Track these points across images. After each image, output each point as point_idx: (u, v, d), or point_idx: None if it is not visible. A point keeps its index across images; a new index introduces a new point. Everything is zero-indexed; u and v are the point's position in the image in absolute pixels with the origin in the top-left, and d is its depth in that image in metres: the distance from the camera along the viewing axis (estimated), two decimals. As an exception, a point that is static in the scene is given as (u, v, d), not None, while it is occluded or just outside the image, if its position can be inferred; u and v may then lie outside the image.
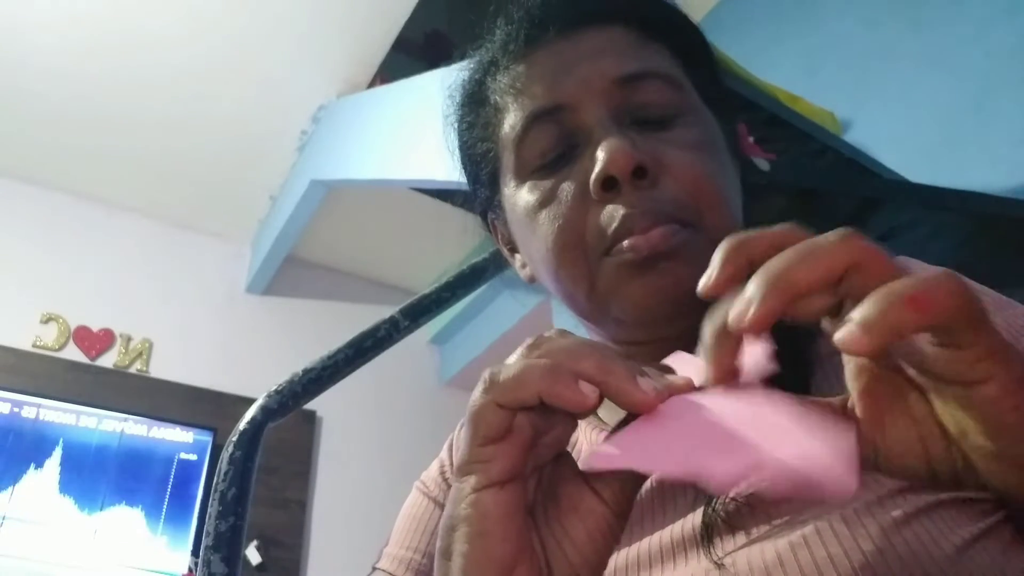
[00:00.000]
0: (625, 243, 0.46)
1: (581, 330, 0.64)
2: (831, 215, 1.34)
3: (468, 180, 0.60)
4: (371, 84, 2.77)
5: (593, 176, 0.46)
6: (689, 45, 0.55)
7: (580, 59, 0.51)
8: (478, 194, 0.60)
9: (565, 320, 0.65)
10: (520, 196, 0.52)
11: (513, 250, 0.59)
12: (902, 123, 1.95)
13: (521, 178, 0.52)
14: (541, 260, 0.51)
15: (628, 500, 0.32)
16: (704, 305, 0.31)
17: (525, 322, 3.03)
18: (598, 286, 0.48)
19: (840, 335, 0.25)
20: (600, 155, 0.46)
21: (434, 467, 0.66)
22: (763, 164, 1.21)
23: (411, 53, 2.83)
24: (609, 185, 0.46)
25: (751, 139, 1.40)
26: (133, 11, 2.47)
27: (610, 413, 0.57)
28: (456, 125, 0.60)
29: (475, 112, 0.57)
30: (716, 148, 0.51)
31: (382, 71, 2.76)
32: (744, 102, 1.39)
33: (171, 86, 2.72)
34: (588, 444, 0.54)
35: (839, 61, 2.22)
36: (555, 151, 0.50)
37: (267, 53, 2.66)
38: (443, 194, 3.01)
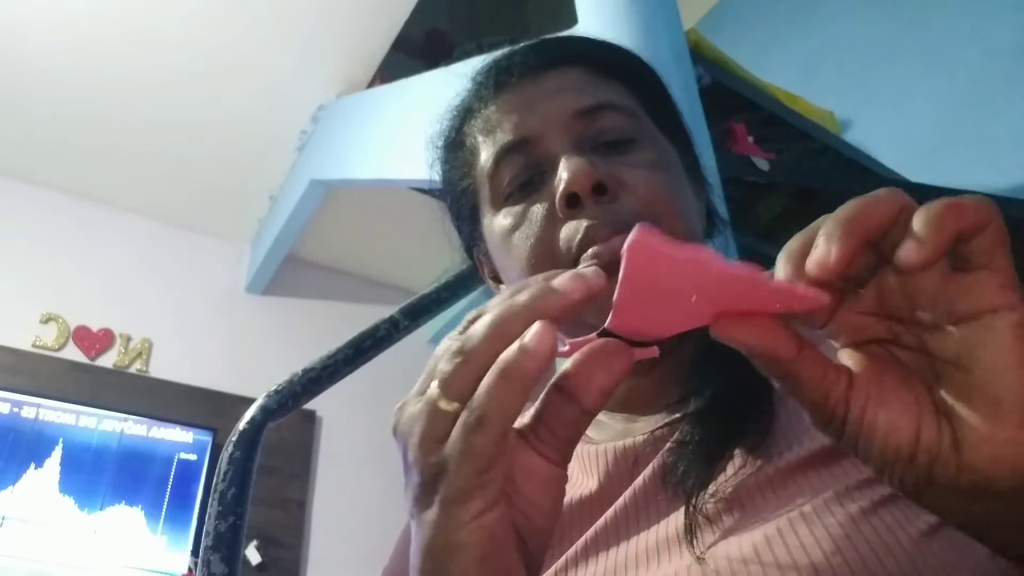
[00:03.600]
0: (589, 251, 0.49)
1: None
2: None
3: (453, 218, 0.66)
4: (371, 84, 2.77)
5: (558, 194, 0.51)
6: (643, 81, 0.61)
7: (542, 97, 0.56)
8: (463, 230, 0.65)
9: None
10: (496, 222, 0.57)
11: (497, 280, 0.64)
12: (901, 123, 1.95)
13: (496, 206, 0.57)
14: (518, 278, 0.55)
15: (570, 451, 0.33)
16: None
17: (525, 322, 3.03)
18: None
19: (899, 254, 0.28)
20: (563, 175, 0.50)
21: None
22: (763, 164, 1.21)
23: (411, 53, 2.83)
24: (572, 202, 0.50)
25: (751, 139, 1.40)
26: (133, 12, 2.47)
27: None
28: (440, 169, 0.66)
29: (455, 155, 0.63)
30: (671, 168, 0.56)
31: (382, 71, 2.76)
32: (744, 102, 1.39)
33: (171, 86, 2.72)
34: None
35: (839, 61, 2.22)
36: (523, 178, 0.55)
37: (267, 53, 2.66)
38: (443, 194, 3.01)
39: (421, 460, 0.31)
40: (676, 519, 0.45)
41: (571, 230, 0.51)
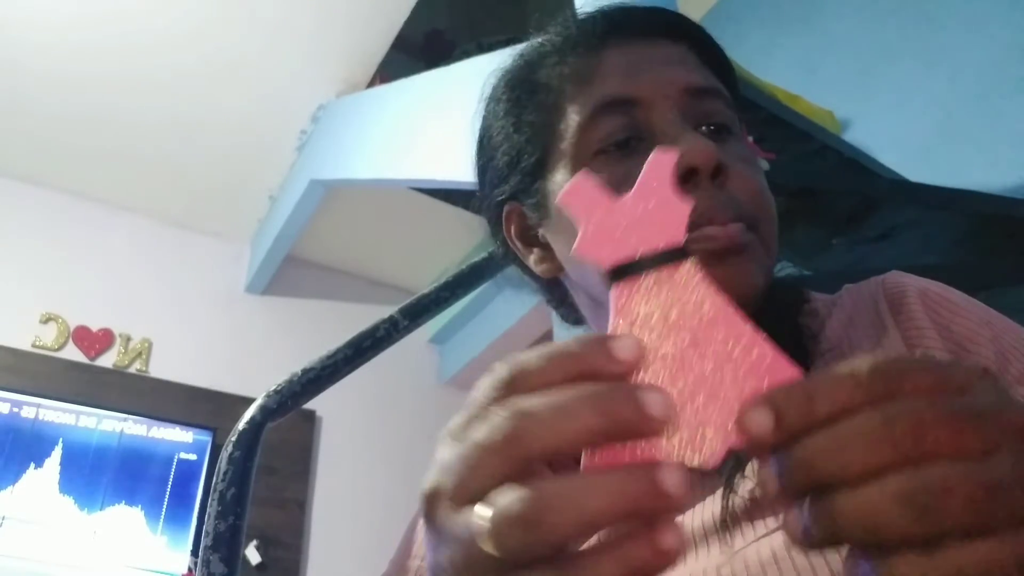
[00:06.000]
0: (707, 230, 0.46)
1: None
2: (830, 215, 1.34)
3: (500, 167, 0.59)
4: (371, 84, 2.77)
5: (679, 164, 0.47)
6: (731, 76, 0.59)
7: (656, 63, 0.53)
8: (509, 180, 0.58)
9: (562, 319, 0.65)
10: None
11: (530, 243, 0.59)
12: (901, 122, 1.95)
13: (580, 163, 0.52)
14: None
15: None
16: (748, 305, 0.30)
17: (524, 322, 3.03)
18: None
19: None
20: (685, 147, 0.47)
21: None
22: (763, 163, 1.21)
23: (411, 53, 2.83)
24: (688, 177, 0.47)
25: (750, 138, 1.40)
26: (133, 12, 2.47)
27: None
28: (496, 109, 0.60)
29: (528, 96, 0.57)
30: (760, 168, 0.54)
31: (382, 70, 2.76)
32: (744, 102, 1.39)
33: (171, 86, 2.72)
34: None
35: (838, 60, 2.22)
36: (619, 137, 0.51)
37: (267, 53, 2.66)
38: (442, 194, 3.01)
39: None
40: (705, 511, 0.44)
41: None
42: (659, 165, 0.30)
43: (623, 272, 0.29)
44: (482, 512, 0.24)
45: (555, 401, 0.24)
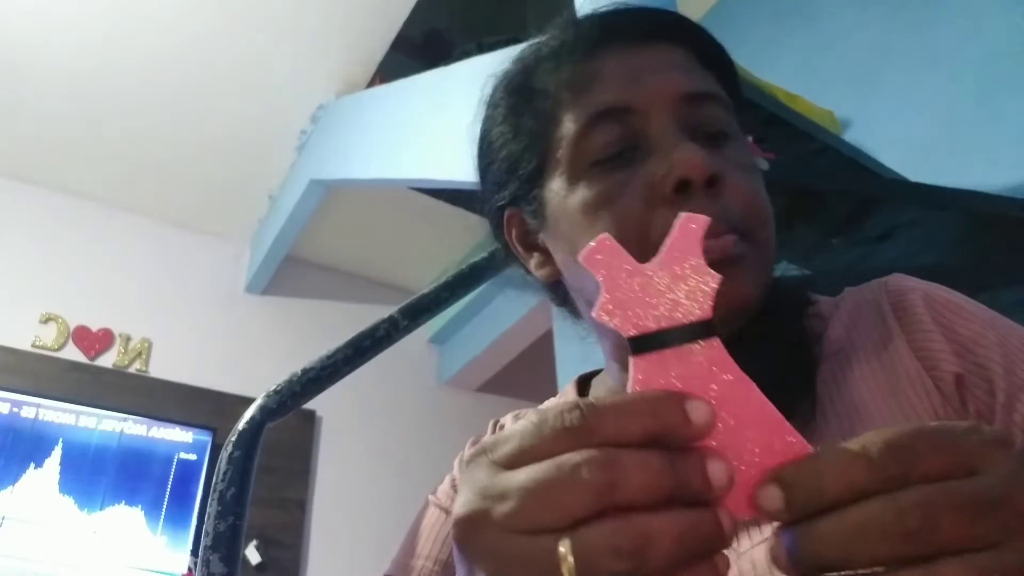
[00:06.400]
0: None
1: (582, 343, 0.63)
2: (830, 215, 1.34)
3: (498, 172, 0.59)
4: (370, 84, 2.77)
5: (672, 176, 0.47)
6: (732, 78, 0.58)
7: (651, 69, 0.52)
8: (508, 187, 0.58)
9: (565, 317, 0.65)
10: (575, 190, 0.52)
11: (530, 248, 0.59)
12: (901, 122, 1.95)
13: (576, 173, 0.52)
14: None
15: None
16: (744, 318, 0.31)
17: (525, 321, 3.03)
18: None
19: None
20: (678, 158, 0.47)
21: (446, 482, 0.66)
22: (762, 163, 1.21)
23: (410, 52, 2.83)
24: (681, 188, 0.47)
25: (750, 138, 1.40)
26: (133, 12, 2.47)
27: None
28: (494, 114, 0.60)
29: (524, 103, 0.57)
30: (758, 172, 0.53)
31: (381, 70, 2.76)
32: (744, 102, 1.38)
33: (171, 86, 2.72)
34: None
35: (839, 60, 2.22)
36: (615, 148, 0.51)
37: (266, 53, 2.66)
38: (442, 194, 3.01)
39: None
40: None
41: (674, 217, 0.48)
42: (687, 231, 0.30)
43: (645, 344, 0.28)
44: (585, 538, 0.26)
45: (648, 462, 0.26)
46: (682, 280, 0.29)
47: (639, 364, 0.28)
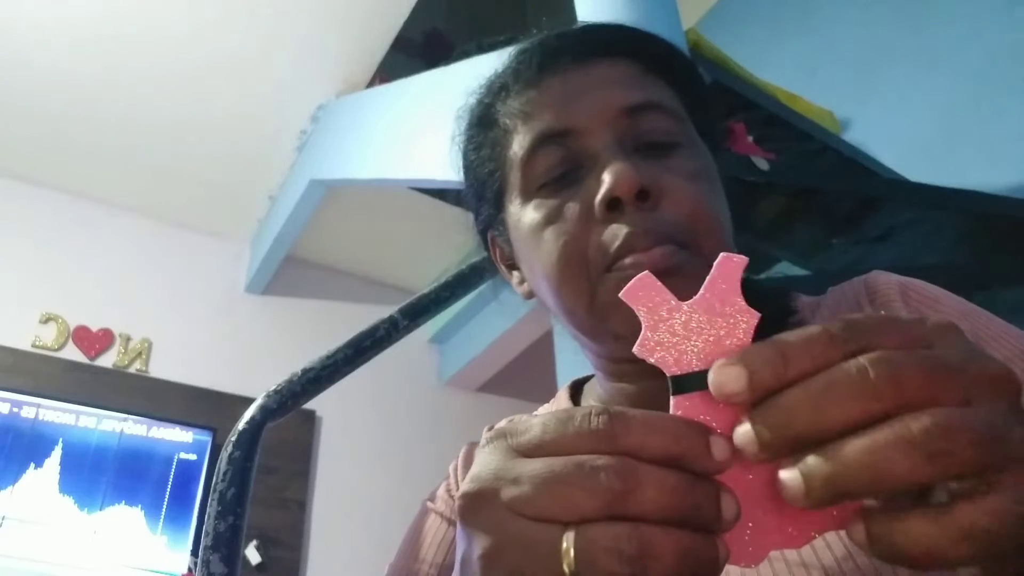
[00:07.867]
0: (627, 260, 0.47)
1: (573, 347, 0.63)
2: (830, 214, 1.34)
3: (473, 199, 0.62)
4: (370, 84, 2.77)
5: (599, 196, 0.48)
6: (687, 81, 0.58)
7: (589, 88, 0.53)
8: (481, 212, 0.62)
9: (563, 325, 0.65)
10: (525, 213, 0.54)
11: (511, 267, 0.61)
12: (901, 122, 1.96)
13: (526, 196, 0.54)
14: (543, 275, 0.53)
15: None
16: None
17: (525, 321, 3.03)
18: (598, 300, 0.49)
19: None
20: (607, 177, 0.48)
21: (441, 489, 0.67)
22: (762, 163, 1.21)
23: (410, 53, 2.83)
24: (613, 205, 0.48)
25: (750, 138, 1.40)
26: (133, 11, 2.47)
27: None
28: (464, 146, 0.62)
29: (484, 134, 0.59)
30: (711, 177, 0.53)
31: (381, 71, 2.76)
32: (744, 102, 1.39)
33: (171, 86, 2.72)
34: None
35: (838, 60, 2.22)
36: (559, 171, 0.52)
37: (266, 53, 2.66)
38: (442, 194, 3.01)
39: None
40: None
41: (609, 234, 0.48)
42: (726, 270, 0.30)
43: (686, 384, 0.29)
44: (590, 535, 0.26)
45: (665, 480, 0.27)
46: (720, 317, 0.29)
47: (677, 402, 0.29)
